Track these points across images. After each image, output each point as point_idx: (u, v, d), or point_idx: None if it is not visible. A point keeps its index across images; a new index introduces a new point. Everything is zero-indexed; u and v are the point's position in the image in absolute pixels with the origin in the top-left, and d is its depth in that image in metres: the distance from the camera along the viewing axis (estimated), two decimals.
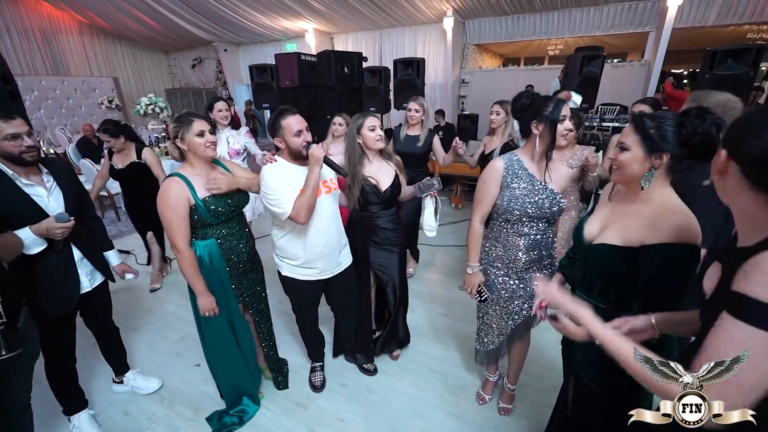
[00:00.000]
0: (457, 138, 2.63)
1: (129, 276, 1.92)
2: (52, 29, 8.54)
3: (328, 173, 1.77)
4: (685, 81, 9.87)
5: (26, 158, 1.44)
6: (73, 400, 1.85)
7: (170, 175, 1.57)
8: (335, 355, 2.35)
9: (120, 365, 2.09)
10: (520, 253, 1.57)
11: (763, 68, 5.84)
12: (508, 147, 2.63)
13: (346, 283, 1.98)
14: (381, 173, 1.94)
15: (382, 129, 1.92)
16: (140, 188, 2.83)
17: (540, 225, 1.56)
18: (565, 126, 1.37)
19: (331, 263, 1.85)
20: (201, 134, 1.54)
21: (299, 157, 1.66)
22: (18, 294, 1.36)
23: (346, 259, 1.95)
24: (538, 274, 0.95)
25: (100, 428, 1.86)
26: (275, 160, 1.68)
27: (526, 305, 1.65)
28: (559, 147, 1.41)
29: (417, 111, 2.81)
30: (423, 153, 2.89)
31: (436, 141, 2.88)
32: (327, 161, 1.64)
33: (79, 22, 8.96)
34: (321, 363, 2.17)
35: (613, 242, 1.06)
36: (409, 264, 3.35)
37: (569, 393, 1.35)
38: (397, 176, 1.98)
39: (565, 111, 1.43)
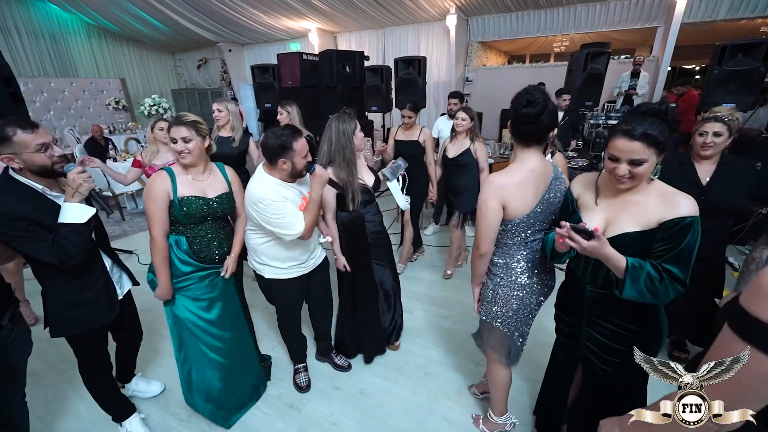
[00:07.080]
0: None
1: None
2: (60, 31, 8.66)
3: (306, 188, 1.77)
4: (697, 77, 9.70)
5: (57, 169, 1.35)
6: (119, 405, 1.84)
7: (160, 169, 1.63)
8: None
9: (130, 371, 2.08)
10: None
11: None
12: None
13: (324, 277, 2.04)
14: (363, 171, 2.02)
15: None
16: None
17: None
18: None
19: (310, 254, 1.89)
20: (173, 141, 1.57)
21: (291, 177, 1.67)
22: (4, 296, 1.37)
23: (320, 250, 2.00)
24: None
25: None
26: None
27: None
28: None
29: (220, 111, 2.75)
30: (239, 154, 2.83)
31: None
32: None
33: (87, 24, 9.08)
34: (304, 364, 2.19)
35: (634, 229, 1.13)
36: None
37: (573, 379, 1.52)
38: (374, 170, 2.07)
39: None
